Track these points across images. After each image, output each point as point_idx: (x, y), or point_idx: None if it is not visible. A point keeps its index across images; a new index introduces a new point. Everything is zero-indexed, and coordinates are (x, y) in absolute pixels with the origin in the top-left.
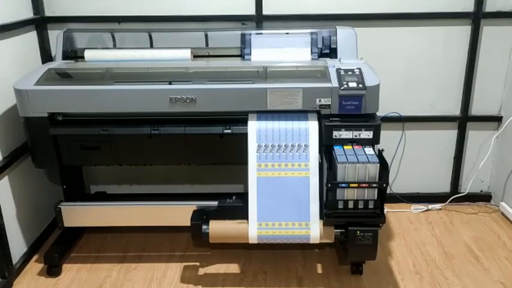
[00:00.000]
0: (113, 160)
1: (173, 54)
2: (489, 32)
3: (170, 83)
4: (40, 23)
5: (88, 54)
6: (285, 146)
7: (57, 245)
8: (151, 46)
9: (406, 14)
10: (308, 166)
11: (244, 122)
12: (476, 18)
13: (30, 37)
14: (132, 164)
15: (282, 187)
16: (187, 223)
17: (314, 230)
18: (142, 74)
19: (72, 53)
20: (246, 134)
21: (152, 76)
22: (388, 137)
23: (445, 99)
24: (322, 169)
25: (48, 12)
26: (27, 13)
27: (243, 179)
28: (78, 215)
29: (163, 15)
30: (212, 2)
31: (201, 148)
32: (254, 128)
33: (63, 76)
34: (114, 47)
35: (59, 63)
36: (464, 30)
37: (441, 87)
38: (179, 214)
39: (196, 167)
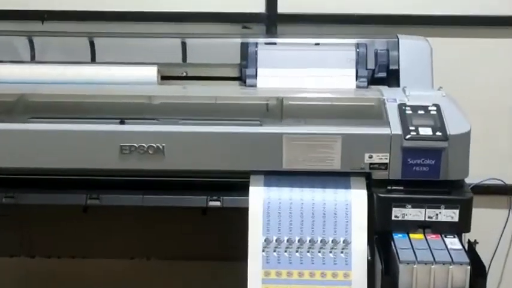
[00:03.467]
0: (22, 248)
1: (129, 74)
2: None
3: (122, 122)
4: None
5: None
6: (310, 241)
7: None
8: (93, 59)
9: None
10: (349, 277)
11: (243, 190)
12: None
13: None
14: (54, 255)
15: None
16: None
17: None
18: (76, 106)
19: None
20: (245, 210)
21: (93, 109)
22: (486, 220)
23: None
24: (374, 273)
25: None
26: None
27: None
28: None
29: (114, 10)
30: None
31: (169, 232)
32: (259, 200)
33: None
34: (33, 59)
35: None
36: None
37: None
38: None
39: (161, 264)
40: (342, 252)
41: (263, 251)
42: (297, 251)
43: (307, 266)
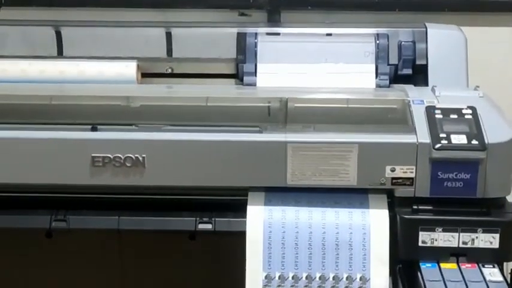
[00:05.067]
0: None
1: (103, 71)
2: None
3: (94, 129)
4: None
5: None
6: (320, 278)
7: None
8: (60, 53)
9: None
10: None
11: (240, 210)
12: None
13: None
14: None
15: None
16: None
17: None
18: (39, 109)
19: None
20: (241, 235)
21: (59, 113)
22: None
23: None
24: None
25: None
26: None
27: None
28: None
29: None
30: None
31: (151, 261)
32: (259, 222)
33: None
34: None
35: None
36: None
37: None
38: None
39: None
40: None
41: None
42: None
43: None
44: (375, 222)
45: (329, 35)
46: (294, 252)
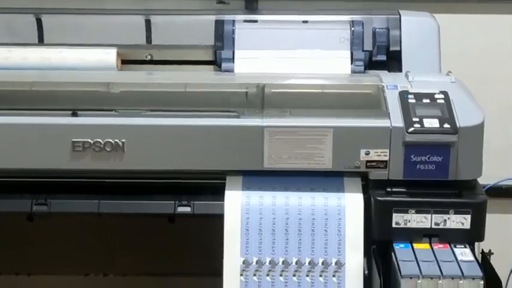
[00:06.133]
0: None
1: (83, 58)
2: None
3: (74, 114)
4: None
5: None
6: (296, 262)
7: None
8: (41, 41)
9: None
10: None
11: (218, 193)
12: None
13: None
14: None
15: None
16: None
17: None
18: (20, 95)
19: None
20: (219, 217)
21: (40, 99)
22: (503, 227)
23: None
24: None
25: None
26: None
27: None
28: None
29: None
30: None
31: (130, 244)
32: (237, 206)
33: None
34: None
35: None
36: None
37: None
38: None
39: (120, 281)
40: (334, 275)
41: (241, 275)
42: (281, 275)
43: None
44: (349, 206)
45: (305, 22)
46: (271, 238)
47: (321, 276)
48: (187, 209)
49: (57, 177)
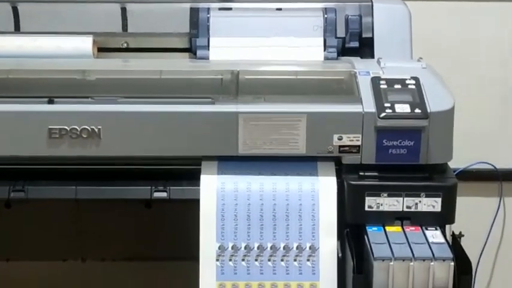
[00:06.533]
0: None
1: (59, 46)
2: None
3: (51, 101)
4: None
5: None
6: (271, 247)
7: None
8: (17, 29)
9: None
10: None
11: (194, 179)
12: None
13: None
14: None
15: None
16: None
17: None
18: None
19: None
20: (195, 202)
21: (16, 87)
22: (473, 210)
23: None
24: (345, 272)
25: None
26: None
27: None
28: None
29: None
30: None
31: (107, 229)
32: (212, 191)
33: None
34: None
35: None
36: None
37: None
38: None
39: (98, 266)
40: (308, 260)
41: (217, 260)
42: (256, 260)
43: (268, 277)
44: (323, 189)
45: (279, 9)
46: (246, 223)
47: (295, 260)
48: (164, 195)
49: (34, 164)
